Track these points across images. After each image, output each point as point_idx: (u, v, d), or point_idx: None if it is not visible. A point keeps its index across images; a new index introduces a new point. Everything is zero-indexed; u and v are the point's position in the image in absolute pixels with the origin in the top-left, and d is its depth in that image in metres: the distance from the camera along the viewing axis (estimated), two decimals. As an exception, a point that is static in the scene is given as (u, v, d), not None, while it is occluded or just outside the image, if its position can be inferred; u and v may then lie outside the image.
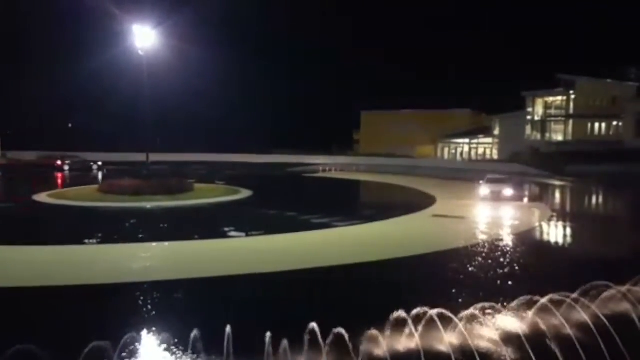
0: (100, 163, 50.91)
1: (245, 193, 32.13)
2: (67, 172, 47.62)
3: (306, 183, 44.52)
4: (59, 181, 30.49)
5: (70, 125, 73.95)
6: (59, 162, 50.68)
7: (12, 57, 68.40)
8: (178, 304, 11.84)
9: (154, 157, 39.39)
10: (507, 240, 19.31)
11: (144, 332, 9.69)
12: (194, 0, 65.70)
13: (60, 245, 17.06)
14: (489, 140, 69.01)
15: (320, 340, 7.91)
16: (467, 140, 71.01)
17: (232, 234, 19.47)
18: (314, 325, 8.11)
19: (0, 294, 12.40)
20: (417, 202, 28.89)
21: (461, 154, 71.64)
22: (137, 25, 32.08)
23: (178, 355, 8.58)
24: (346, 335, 7.85)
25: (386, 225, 22.05)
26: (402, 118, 71.59)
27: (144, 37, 31.96)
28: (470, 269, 14.65)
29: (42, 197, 29.00)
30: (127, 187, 29.40)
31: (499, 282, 13.54)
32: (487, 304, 9.86)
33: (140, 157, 43.47)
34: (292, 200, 31.19)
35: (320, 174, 49.65)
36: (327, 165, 54.08)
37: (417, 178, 45.01)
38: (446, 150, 72.94)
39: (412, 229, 21.89)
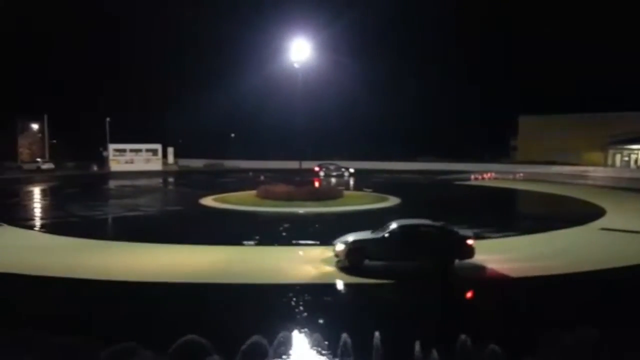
0: (352, 170, 54.21)
1: (393, 201, 31.93)
2: (322, 177, 51.29)
3: (457, 191, 42.91)
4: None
5: (232, 135, 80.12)
6: (317, 169, 54.88)
7: (182, 75, 76.33)
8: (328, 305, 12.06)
9: (305, 165, 40.85)
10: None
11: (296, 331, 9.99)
12: (348, 12, 67.19)
13: (226, 246, 18.44)
14: (671, 146, 60.77)
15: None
16: (643, 146, 63.29)
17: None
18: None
19: (170, 288, 13.73)
20: (583, 213, 26.28)
21: (635, 161, 63.95)
22: (293, 38, 33.65)
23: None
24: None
25: (545, 237, 20.35)
26: (565, 122, 66.04)
27: (299, 50, 33.39)
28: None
29: (208, 201, 31.65)
30: (282, 193, 30.90)
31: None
32: None
33: (292, 165, 45.61)
34: (441, 208, 30.15)
35: (473, 182, 47.56)
36: (480, 173, 51.61)
37: (582, 187, 41.07)
38: (617, 157, 65.62)
39: (575, 242, 19.90)
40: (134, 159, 64.10)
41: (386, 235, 15.99)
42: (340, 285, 14.13)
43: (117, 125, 65.51)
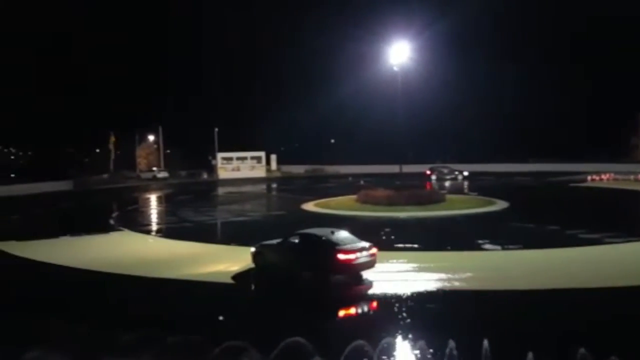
0: (466, 173, 52.38)
1: (500, 204, 30.38)
2: (434, 181, 50.32)
3: (571, 194, 40.01)
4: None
5: (332, 140, 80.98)
6: (428, 172, 53.36)
7: (283, 82, 78.43)
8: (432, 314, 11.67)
9: (406, 168, 40.20)
10: None
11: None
12: (449, 12, 65.28)
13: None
14: None
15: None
16: None
17: (487, 246, 18.53)
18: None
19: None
20: None
21: None
22: (392, 42, 33.27)
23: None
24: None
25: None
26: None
27: (399, 53, 32.91)
28: None
29: (309, 206, 32.09)
30: (382, 197, 30.55)
31: None
32: None
33: (393, 169, 45.07)
34: (554, 212, 28.17)
35: (589, 184, 44.09)
36: (598, 174, 47.63)
37: None
38: None
39: None
40: (239, 167, 66.84)
41: (280, 242, 15.12)
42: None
43: (224, 134, 68.77)
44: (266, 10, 78.49)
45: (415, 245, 19.19)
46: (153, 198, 45.66)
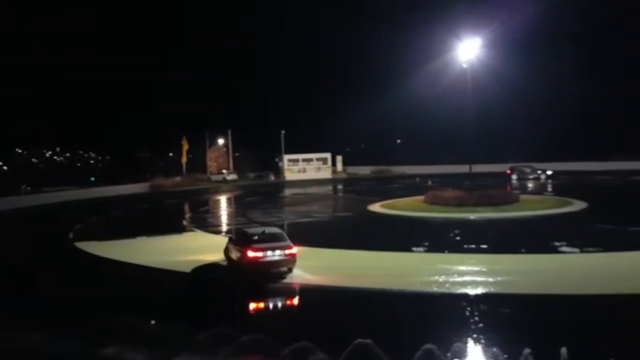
0: (549, 172, 50.22)
1: (578, 205, 28.87)
2: (514, 181, 48.80)
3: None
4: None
5: (398, 141, 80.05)
6: (508, 171, 51.94)
7: (348, 83, 78.53)
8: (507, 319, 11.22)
9: (476, 168, 39.09)
10: None
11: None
12: (521, 7, 62.72)
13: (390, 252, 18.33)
14: None
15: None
16: None
17: (564, 249, 17.65)
18: None
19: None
20: None
21: None
22: (461, 38, 32.30)
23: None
24: None
25: None
26: None
27: (468, 49, 31.92)
28: None
29: (376, 208, 31.83)
30: (451, 198, 29.79)
31: None
32: None
33: (462, 169, 43.95)
34: (636, 213, 26.39)
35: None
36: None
37: None
38: None
39: None
40: (305, 168, 67.41)
41: (234, 238, 16.31)
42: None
43: (291, 136, 69.62)
44: (332, 9, 78.90)
45: (486, 247, 18.56)
46: (223, 199, 46.90)
